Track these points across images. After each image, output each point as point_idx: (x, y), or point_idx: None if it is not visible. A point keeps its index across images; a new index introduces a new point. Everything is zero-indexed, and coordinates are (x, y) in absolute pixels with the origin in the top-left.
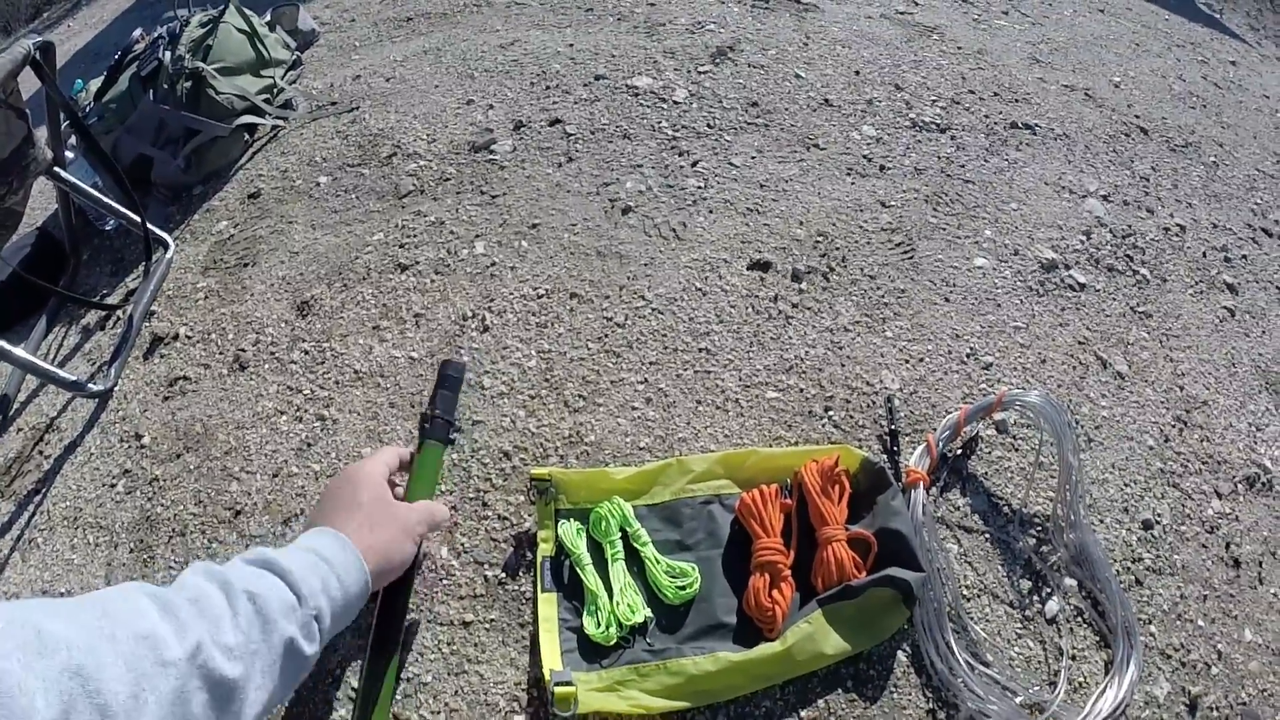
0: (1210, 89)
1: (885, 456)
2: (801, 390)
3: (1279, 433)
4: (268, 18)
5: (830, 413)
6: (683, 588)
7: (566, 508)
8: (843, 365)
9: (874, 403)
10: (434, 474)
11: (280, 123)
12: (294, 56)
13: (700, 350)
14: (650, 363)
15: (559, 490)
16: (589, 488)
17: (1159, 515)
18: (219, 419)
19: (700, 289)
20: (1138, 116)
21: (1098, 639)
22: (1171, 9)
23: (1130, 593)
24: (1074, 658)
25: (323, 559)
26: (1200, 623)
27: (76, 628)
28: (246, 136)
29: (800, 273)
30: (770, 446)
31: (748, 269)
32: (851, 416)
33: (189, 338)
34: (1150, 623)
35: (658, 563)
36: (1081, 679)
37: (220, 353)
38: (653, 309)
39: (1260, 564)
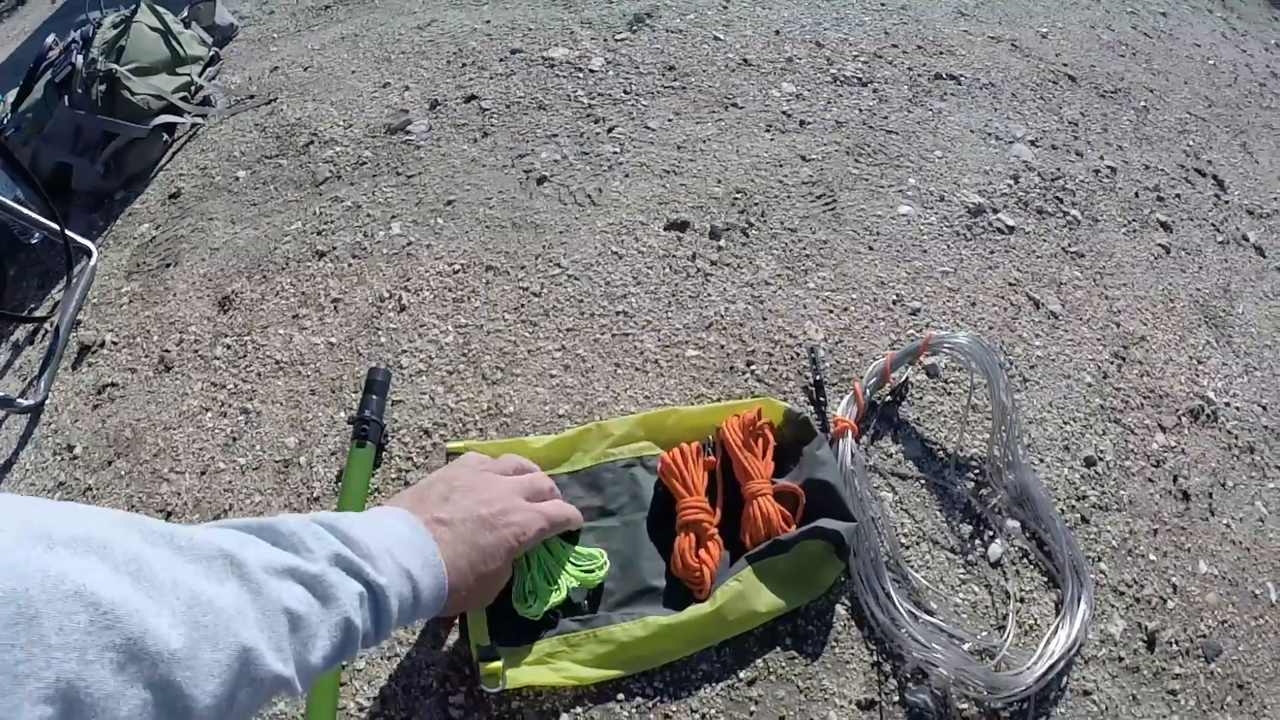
0: (1140, 38)
1: (812, 408)
2: (722, 347)
3: (1220, 364)
4: (184, 14)
5: (753, 367)
6: (589, 571)
7: None
8: (764, 319)
9: (798, 355)
10: (367, 474)
11: (199, 120)
12: (211, 52)
13: (618, 313)
14: (567, 329)
15: None
16: None
17: (1101, 452)
18: (147, 422)
19: (616, 253)
20: (1065, 65)
21: (1046, 580)
22: None
23: (1076, 531)
24: (1022, 600)
25: (416, 596)
26: (1152, 557)
27: (181, 630)
28: (166, 136)
29: (718, 230)
30: (691, 405)
31: (664, 230)
32: (775, 370)
33: (115, 344)
34: (1100, 560)
35: (563, 550)
36: (1032, 621)
37: (146, 356)
38: (569, 276)
39: (1210, 495)
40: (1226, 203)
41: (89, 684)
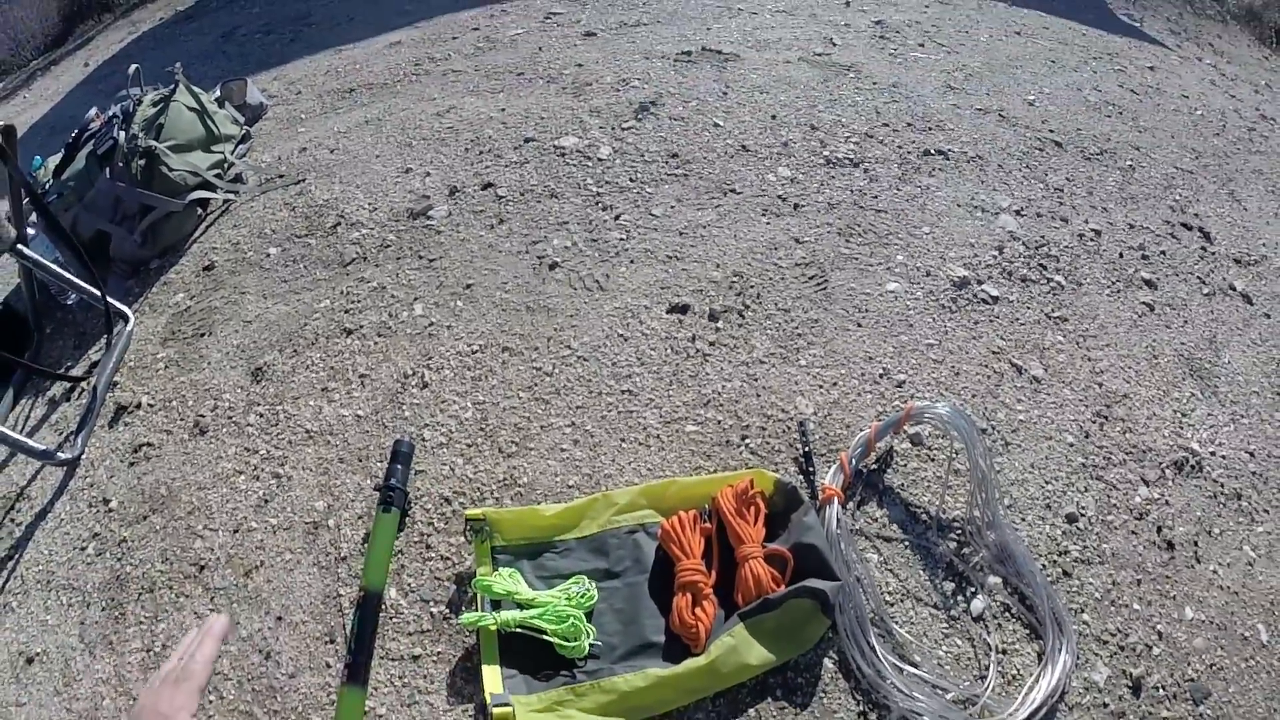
0: (1127, 96)
1: (802, 477)
2: (719, 422)
3: (1206, 415)
4: (217, 93)
5: (747, 441)
6: (581, 595)
7: (501, 544)
8: (758, 395)
9: (789, 429)
10: (392, 537)
11: (231, 196)
12: (243, 131)
13: (623, 392)
14: (577, 407)
15: (493, 529)
16: (521, 525)
17: (1083, 508)
18: (182, 481)
19: (622, 335)
20: (1051, 131)
21: (1028, 631)
22: (1090, 24)
23: (1059, 584)
24: (1004, 651)
25: None
26: (1136, 606)
27: None
28: (200, 211)
29: (717, 312)
30: (690, 476)
31: (667, 313)
32: (768, 443)
33: (151, 406)
34: (1083, 611)
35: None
36: (1015, 671)
37: (181, 419)
38: (578, 357)
39: (1195, 543)
40: (1213, 254)
41: None
